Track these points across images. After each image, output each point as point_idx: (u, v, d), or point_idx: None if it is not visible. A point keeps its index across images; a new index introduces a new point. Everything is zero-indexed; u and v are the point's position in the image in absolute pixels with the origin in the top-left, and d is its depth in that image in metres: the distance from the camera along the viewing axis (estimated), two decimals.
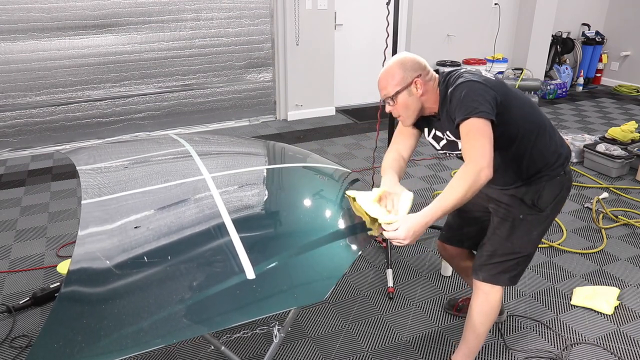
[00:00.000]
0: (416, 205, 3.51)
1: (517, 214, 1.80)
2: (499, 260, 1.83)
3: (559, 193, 1.79)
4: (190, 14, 4.70)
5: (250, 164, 1.96)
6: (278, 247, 1.40)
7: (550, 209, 1.80)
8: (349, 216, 1.60)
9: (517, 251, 1.82)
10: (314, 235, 1.46)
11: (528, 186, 1.77)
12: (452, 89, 1.61)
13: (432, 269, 2.80)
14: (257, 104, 5.33)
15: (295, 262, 1.36)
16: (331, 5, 5.08)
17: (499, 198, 1.85)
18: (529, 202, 1.78)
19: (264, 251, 1.38)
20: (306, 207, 1.63)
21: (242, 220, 1.51)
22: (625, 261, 2.88)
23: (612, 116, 5.59)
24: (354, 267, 2.81)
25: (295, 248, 1.41)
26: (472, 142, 1.51)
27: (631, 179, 3.95)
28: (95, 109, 4.68)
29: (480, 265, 1.87)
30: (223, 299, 1.21)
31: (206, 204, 1.59)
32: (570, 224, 3.29)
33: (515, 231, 1.81)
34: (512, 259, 1.83)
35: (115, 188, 1.74)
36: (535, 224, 1.80)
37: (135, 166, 1.92)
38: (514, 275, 1.85)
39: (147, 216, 1.55)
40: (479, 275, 1.87)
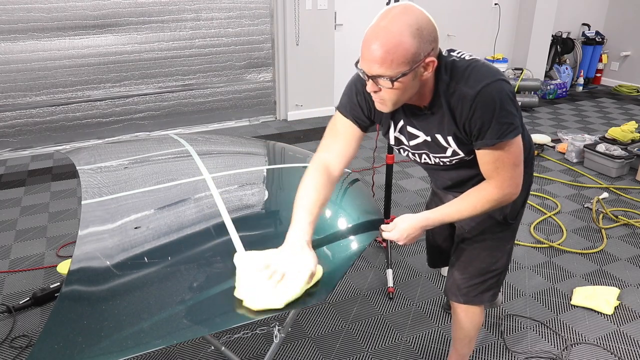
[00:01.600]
0: (414, 205, 3.52)
1: (488, 234, 1.64)
2: (478, 281, 1.69)
3: (526, 197, 1.65)
4: (190, 14, 4.70)
5: (250, 164, 1.96)
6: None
7: (519, 217, 1.68)
8: (349, 216, 1.61)
9: (494, 268, 1.68)
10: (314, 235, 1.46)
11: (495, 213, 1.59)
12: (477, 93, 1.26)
13: (431, 269, 2.80)
14: (257, 104, 5.33)
15: None
16: (331, 5, 5.08)
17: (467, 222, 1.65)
18: (500, 217, 1.61)
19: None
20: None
21: (242, 220, 1.51)
22: (625, 261, 2.88)
23: (612, 116, 5.59)
24: (354, 267, 2.81)
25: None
26: (512, 170, 1.33)
27: (631, 179, 3.95)
28: (95, 109, 4.68)
29: (458, 288, 1.72)
30: (223, 300, 1.21)
31: (206, 204, 1.59)
32: (571, 224, 3.29)
33: (488, 250, 1.66)
34: (490, 277, 1.69)
35: (115, 188, 1.74)
36: (507, 238, 1.67)
37: (135, 166, 1.92)
38: (495, 292, 1.73)
39: (147, 216, 1.55)
40: (459, 299, 1.73)
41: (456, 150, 1.41)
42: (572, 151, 4.29)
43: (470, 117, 1.28)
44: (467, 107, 1.27)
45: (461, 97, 1.28)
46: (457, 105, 1.30)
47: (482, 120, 1.27)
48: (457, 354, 1.95)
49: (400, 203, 3.55)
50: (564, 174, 4.07)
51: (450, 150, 1.41)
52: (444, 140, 1.39)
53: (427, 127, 1.40)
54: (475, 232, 1.64)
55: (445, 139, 1.38)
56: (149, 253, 1.37)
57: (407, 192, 3.72)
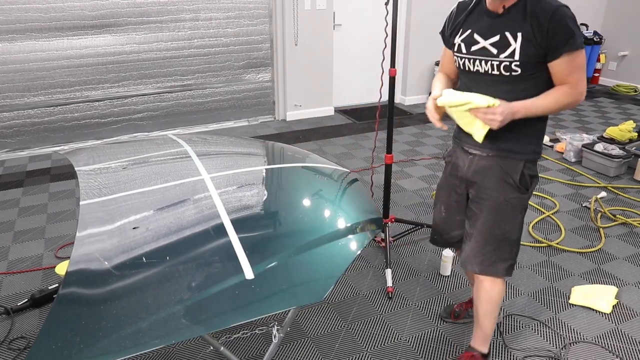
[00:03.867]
0: (413, 205, 3.52)
1: (500, 198, 1.81)
2: (491, 248, 1.85)
3: (535, 175, 1.84)
4: (189, 14, 4.70)
5: (248, 164, 1.96)
6: (277, 247, 1.40)
7: (531, 190, 1.83)
8: (348, 215, 1.61)
9: (507, 237, 1.84)
10: (313, 235, 1.46)
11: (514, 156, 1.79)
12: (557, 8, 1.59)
13: (431, 268, 2.80)
14: (256, 104, 5.33)
15: (294, 262, 1.36)
16: (330, 5, 5.08)
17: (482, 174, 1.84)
18: (512, 181, 1.79)
19: (263, 251, 1.38)
20: (305, 207, 1.64)
21: (241, 221, 1.51)
22: (623, 260, 2.89)
23: (610, 116, 5.60)
24: (353, 267, 2.81)
25: (294, 248, 1.41)
26: (581, 73, 1.65)
27: (629, 178, 3.96)
28: (94, 109, 4.67)
29: (475, 256, 1.88)
30: (222, 300, 1.21)
31: (205, 205, 1.59)
32: (569, 223, 3.29)
33: (502, 216, 1.82)
34: (504, 245, 1.85)
35: (114, 189, 1.73)
36: (518, 207, 1.83)
37: (134, 167, 1.92)
38: (510, 264, 1.87)
39: (146, 217, 1.55)
40: (474, 267, 1.89)
41: (515, 51, 1.65)
42: (570, 150, 4.30)
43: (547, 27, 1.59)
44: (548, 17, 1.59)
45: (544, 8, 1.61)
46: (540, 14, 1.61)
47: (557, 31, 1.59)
48: (480, 330, 2.03)
49: (399, 203, 3.55)
50: (562, 173, 4.08)
51: (509, 50, 1.66)
52: (512, 37, 1.65)
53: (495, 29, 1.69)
54: (490, 194, 1.82)
55: (515, 35, 1.65)
56: (147, 254, 1.37)
57: (406, 192, 3.72)
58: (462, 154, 1.92)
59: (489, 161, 1.83)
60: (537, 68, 1.67)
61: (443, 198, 2.04)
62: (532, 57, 1.64)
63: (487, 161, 1.83)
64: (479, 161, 1.85)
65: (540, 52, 1.63)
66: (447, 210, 2.04)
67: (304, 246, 1.40)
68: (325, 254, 1.39)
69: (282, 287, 1.27)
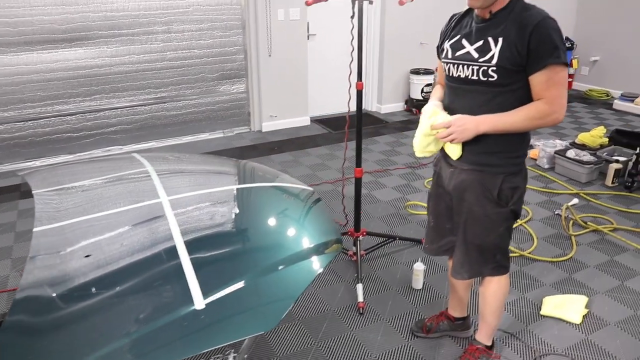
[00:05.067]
0: (387, 216, 3.51)
1: (480, 212, 1.84)
2: (475, 258, 1.93)
3: (517, 186, 1.84)
4: (161, 27, 4.66)
5: (213, 184, 1.93)
6: (230, 273, 1.38)
7: (513, 201, 1.84)
8: (306, 237, 1.59)
9: (490, 247, 1.90)
10: (268, 258, 1.43)
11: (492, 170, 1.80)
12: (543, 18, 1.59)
13: (403, 282, 2.79)
14: (231, 116, 5.29)
15: (247, 289, 1.33)
16: (303, 16, 5.08)
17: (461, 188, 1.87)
18: (491, 197, 1.81)
19: (216, 278, 1.35)
20: (262, 229, 1.61)
21: (196, 245, 1.48)
22: (594, 268, 2.91)
23: (584, 121, 5.67)
24: (324, 282, 2.79)
25: (247, 274, 1.38)
26: (561, 90, 1.62)
27: (600, 184, 4.00)
28: (66, 123, 4.60)
29: (461, 266, 1.97)
30: (169, 332, 1.17)
31: (160, 230, 1.56)
32: (541, 232, 3.31)
33: (482, 229, 1.87)
34: (487, 253, 1.92)
35: (69, 213, 1.69)
36: (500, 220, 1.85)
37: (92, 189, 1.88)
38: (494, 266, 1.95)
39: (98, 244, 1.51)
40: (463, 276, 1.98)
41: (494, 55, 1.65)
42: (543, 157, 4.33)
43: (530, 36, 1.57)
44: (533, 26, 1.58)
45: (530, 16, 1.60)
46: (525, 21, 1.60)
47: (541, 41, 1.57)
48: (486, 325, 2.13)
49: (372, 215, 3.54)
50: (535, 180, 4.11)
51: (489, 54, 1.66)
52: (494, 41, 1.66)
53: (480, 34, 1.70)
54: (469, 208, 1.86)
55: (496, 40, 1.65)
56: (96, 283, 1.34)
57: (380, 203, 3.71)
58: (444, 165, 1.97)
59: (468, 175, 1.85)
60: (514, 78, 1.66)
61: (432, 207, 2.09)
62: (509, 63, 1.63)
63: (466, 175, 1.85)
64: (459, 175, 1.88)
65: (519, 60, 1.62)
66: (435, 219, 2.08)
67: (258, 271, 1.38)
68: (279, 279, 1.37)
69: (232, 316, 1.24)
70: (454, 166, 1.89)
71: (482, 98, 1.74)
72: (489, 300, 2.06)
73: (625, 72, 6.37)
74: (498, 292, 2.04)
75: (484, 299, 2.08)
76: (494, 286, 2.03)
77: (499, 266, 1.96)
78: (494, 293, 2.04)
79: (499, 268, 1.97)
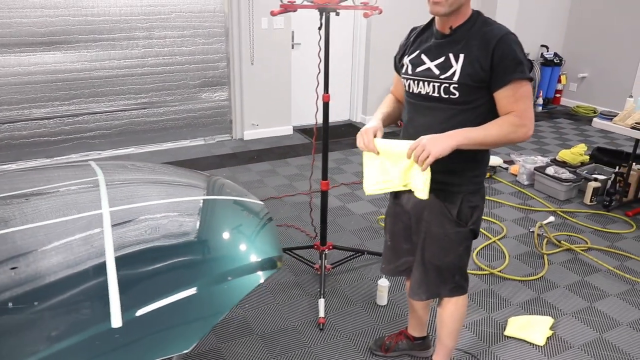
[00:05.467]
0: (360, 229, 3.46)
1: (440, 232, 1.80)
2: (433, 279, 1.88)
3: (477, 205, 1.81)
4: (142, 32, 4.63)
5: (157, 196, 1.88)
6: (156, 290, 1.32)
7: (472, 220, 1.82)
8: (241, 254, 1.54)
9: (449, 267, 1.86)
10: (198, 275, 1.38)
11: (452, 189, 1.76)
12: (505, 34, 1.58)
13: (367, 298, 2.74)
14: (212, 123, 5.25)
15: (170, 307, 1.28)
16: (288, 24, 5.06)
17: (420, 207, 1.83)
18: (450, 216, 1.77)
19: (140, 295, 1.30)
20: (197, 243, 1.56)
21: (127, 261, 1.43)
22: (564, 288, 2.86)
23: (568, 137, 5.65)
24: (287, 296, 2.73)
25: (174, 291, 1.33)
26: (528, 103, 1.60)
27: (579, 202, 3.97)
28: (43, 127, 4.55)
29: (418, 287, 1.91)
30: (81, 351, 1.12)
31: (94, 243, 1.50)
32: (514, 249, 3.26)
33: (441, 250, 1.82)
34: (446, 273, 1.87)
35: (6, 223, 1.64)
36: (458, 240, 1.81)
37: (35, 198, 1.83)
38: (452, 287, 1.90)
39: (28, 256, 1.46)
40: (421, 297, 1.92)
41: (456, 72, 1.62)
42: (523, 173, 4.30)
43: (493, 51, 1.56)
44: (495, 42, 1.57)
45: (492, 32, 1.59)
46: (486, 37, 1.58)
47: (504, 57, 1.56)
48: (443, 347, 2.08)
49: (345, 227, 3.49)
50: (514, 196, 4.07)
51: (450, 71, 1.62)
52: (455, 58, 1.62)
53: (441, 50, 1.66)
54: (428, 228, 1.82)
55: (457, 56, 1.62)
56: (16, 298, 1.28)
57: (353, 216, 3.66)
58: None
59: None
60: (475, 95, 1.63)
61: (389, 226, 2.04)
62: (471, 80, 1.60)
63: None
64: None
65: (482, 76, 1.59)
66: (392, 238, 2.03)
67: (184, 289, 1.33)
68: (206, 297, 1.31)
69: (150, 336, 1.19)
70: None
71: (442, 115, 1.69)
72: (446, 322, 2.01)
73: (612, 89, 6.36)
74: (455, 314, 1.98)
75: (441, 320, 2.03)
76: (451, 307, 1.97)
77: (457, 287, 1.92)
78: (451, 314, 1.99)
79: (457, 289, 1.92)
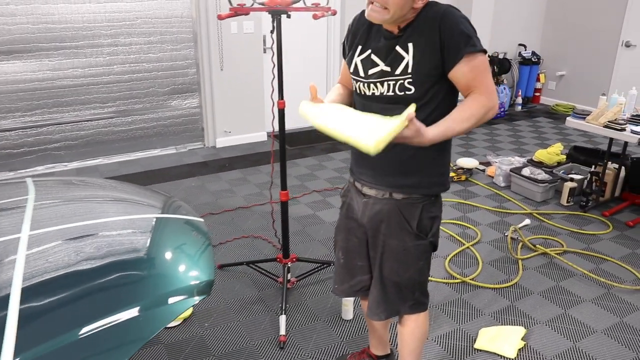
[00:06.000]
0: (328, 239, 3.34)
1: (398, 246, 1.68)
2: (392, 296, 1.76)
3: (436, 215, 1.71)
4: (106, 39, 4.48)
5: (90, 215, 1.74)
6: (60, 327, 1.19)
7: (432, 232, 1.70)
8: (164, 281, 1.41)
9: (408, 283, 1.74)
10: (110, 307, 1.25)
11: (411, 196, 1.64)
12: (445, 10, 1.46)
13: (332, 312, 2.61)
14: (183, 131, 5.11)
15: (73, 345, 1.15)
16: (258, 29, 4.93)
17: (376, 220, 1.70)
18: (409, 228, 1.66)
19: (40, 333, 1.17)
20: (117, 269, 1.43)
21: (35, 292, 1.30)
22: (538, 295, 2.76)
23: (547, 136, 5.57)
24: (248, 312, 2.60)
25: (81, 326, 1.20)
26: (488, 76, 1.50)
27: (556, 203, 3.87)
28: (4, 139, 4.38)
29: (377, 306, 1.79)
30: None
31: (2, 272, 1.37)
32: (488, 255, 3.16)
33: (400, 264, 1.71)
34: (406, 290, 1.76)
35: None
36: (418, 254, 1.70)
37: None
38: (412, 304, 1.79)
39: None
40: (380, 316, 1.80)
41: (409, 64, 1.49)
42: (499, 175, 4.20)
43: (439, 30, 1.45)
44: (438, 19, 1.46)
45: (433, 12, 1.48)
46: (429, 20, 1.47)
47: (452, 33, 1.44)
48: None
49: (314, 237, 3.37)
50: (490, 199, 3.97)
51: (403, 64, 1.50)
52: (403, 49, 1.51)
53: (390, 50, 1.53)
54: (386, 241, 1.69)
55: (405, 47, 1.50)
56: None
57: (323, 225, 3.54)
58: (356, 195, 1.77)
59: (384, 205, 1.67)
60: (432, 88, 1.51)
61: (341, 242, 1.88)
62: (426, 68, 1.49)
63: (382, 205, 1.68)
64: (373, 205, 1.70)
65: (436, 61, 1.47)
66: (345, 255, 1.87)
67: (92, 323, 1.20)
68: (114, 333, 1.19)
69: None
70: (367, 195, 1.72)
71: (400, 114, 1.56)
72: (406, 340, 1.90)
73: (590, 87, 6.30)
74: (416, 331, 1.87)
75: (402, 339, 1.91)
76: (411, 324, 1.86)
77: (417, 303, 1.79)
78: (411, 332, 1.87)
79: (418, 305, 1.80)
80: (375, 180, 1.68)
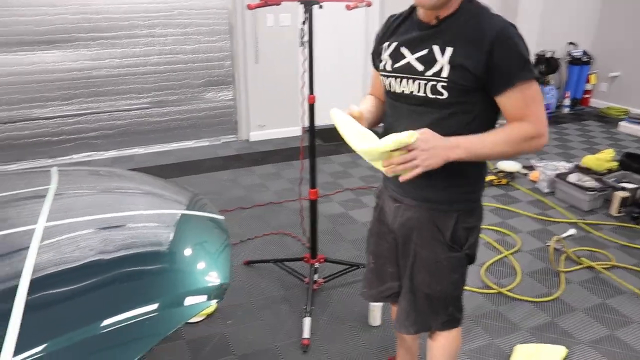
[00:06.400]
0: (360, 239, 3.21)
1: (430, 257, 1.56)
2: (424, 309, 1.64)
3: (474, 226, 1.59)
4: (143, 30, 4.48)
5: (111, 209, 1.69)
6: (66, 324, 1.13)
7: (469, 244, 1.58)
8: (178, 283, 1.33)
9: (441, 296, 1.61)
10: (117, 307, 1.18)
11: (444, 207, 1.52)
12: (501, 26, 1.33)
13: (359, 317, 2.49)
14: (217, 124, 5.07)
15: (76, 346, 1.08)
16: (295, 21, 4.84)
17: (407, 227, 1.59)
18: (442, 239, 1.54)
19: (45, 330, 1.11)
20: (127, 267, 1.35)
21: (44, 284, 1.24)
22: (582, 312, 2.56)
23: (596, 141, 5.25)
24: (273, 311, 2.52)
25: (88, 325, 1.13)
26: (541, 107, 1.40)
27: (604, 214, 3.62)
28: (44, 127, 4.45)
29: (406, 318, 1.66)
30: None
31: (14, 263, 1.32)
32: (528, 266, 2.97)
33: (432, 277, 1.58)
34: (438, 304, 1.63)
35: None
36: (452, 267, 1.58)
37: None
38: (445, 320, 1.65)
39: None
40: (409, 330, 1.68)
41: (443, 68, 1.37)
42: (543, 180, 3.97)
43: (491, 49, 1.31)
44: (493, 36, 1.32)
45: (488, 24, 1.34)
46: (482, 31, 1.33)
47: (506, 55, 1.32)
48: None
49: (345, 237, 3.25)
50: (532, 205, 3.75)
51: (436, 66, 1.38)
52: (440, 50, 1.38)
53: (424, 42, 1.41)
54: (418, 252, 1.58)
55: (443, 49, 1.37)
56: None
57: (356, 224, 3.42)
58: (387, 198, 1.66)
59: (415, 213, 1.55)
60: (468, 96, 1.38)
61: (372, 246, 1.77)
62: (461, 78, 1.35)
63: (413, 212, 1.56)
64: (404, 212, 1.58)
65: (476, 76, 1.33)
66: (376, 260, 1.76)
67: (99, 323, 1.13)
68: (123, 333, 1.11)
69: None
70: (399, 201, 1.59)
71: (430, 119, 1.42)
72: (436, 356, 1.77)
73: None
74: (447, 348, 1.74)
75: (431, 355, 1.78)
76: (442, 340, 1.73)
77: (451, 320, 1.66)
78: (442, 347, 1.74)
79: (451, 322, 1.67)
80: (404, 192, 1.56)
